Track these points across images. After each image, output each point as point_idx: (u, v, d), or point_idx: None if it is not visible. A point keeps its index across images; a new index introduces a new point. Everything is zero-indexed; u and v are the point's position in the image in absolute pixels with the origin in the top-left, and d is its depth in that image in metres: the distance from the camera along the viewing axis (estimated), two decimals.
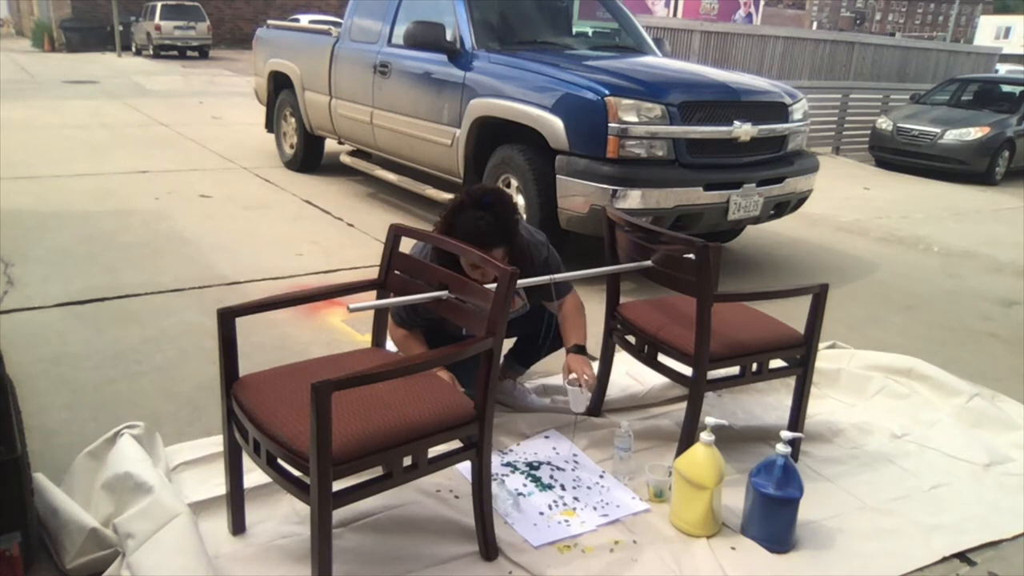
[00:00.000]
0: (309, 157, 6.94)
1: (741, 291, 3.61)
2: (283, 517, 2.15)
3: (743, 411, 2.92)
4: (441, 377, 2.24)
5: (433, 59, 4.95)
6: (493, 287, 1.94)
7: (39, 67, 17.70)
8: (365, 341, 3.10)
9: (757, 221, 4.62)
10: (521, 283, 2.28)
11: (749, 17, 22.84)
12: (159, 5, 23.08)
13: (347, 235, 5.14)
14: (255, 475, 2.05)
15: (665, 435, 2.71)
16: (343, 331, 3.52)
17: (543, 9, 5.58)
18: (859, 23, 72.43)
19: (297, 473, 1.75)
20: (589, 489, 2.38)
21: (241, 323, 1.95)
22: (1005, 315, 4.41)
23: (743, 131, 4.23)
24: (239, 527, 2.08)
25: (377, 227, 5.09)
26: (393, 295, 2.26)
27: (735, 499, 2.26)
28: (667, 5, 20.76)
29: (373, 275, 2.31)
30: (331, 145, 6.82)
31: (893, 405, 3.07)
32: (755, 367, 2.50)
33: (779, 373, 2.58)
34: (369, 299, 2.27)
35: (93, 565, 1.90)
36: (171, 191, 5.97)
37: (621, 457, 2.46)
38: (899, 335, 3.91)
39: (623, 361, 2.87)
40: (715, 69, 5.37)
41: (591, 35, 6.11)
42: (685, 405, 2.43)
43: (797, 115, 4.65)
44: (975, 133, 9.37)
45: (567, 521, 2.22)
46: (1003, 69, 21.37)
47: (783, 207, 4.71)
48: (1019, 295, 4.80)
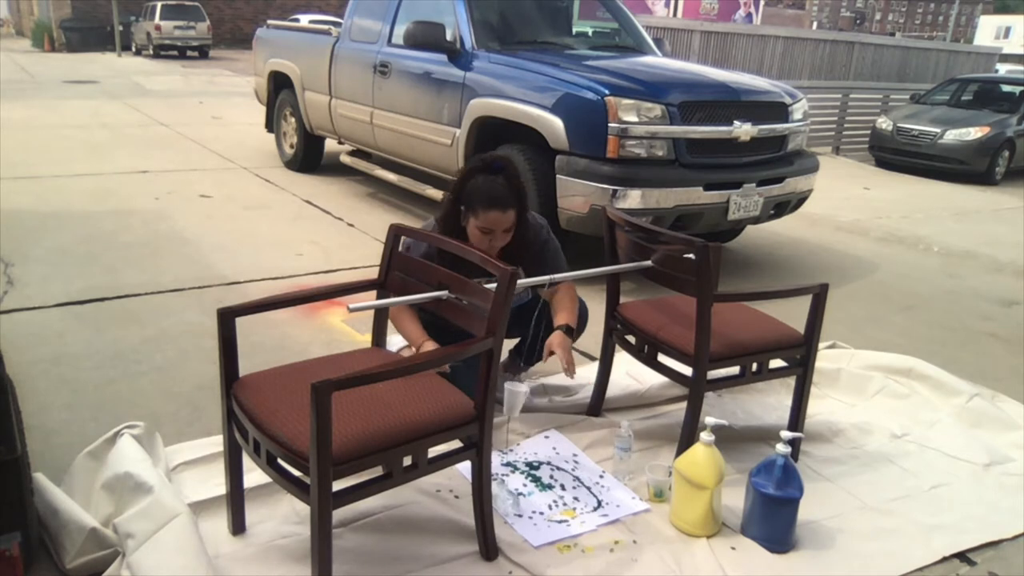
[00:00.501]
0: (309, 157, 6.94)
1: (741, 291, 3.61)
2: (283, 517, 2.15)
3: (743, 411, 2.92)
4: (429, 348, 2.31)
5: (433, 59, 4.95)
6: (493, 287, 1.94)
7: (39, 67, 17.70)
8: (365, 341, 3.10)
9: (757, 221, 4.62)
10: (521, 283, 2.28)
11: (749, 17, 22.85)
12: (159, 5, 23.09)
13: (347, 235, 5.14)
14: (255, 475, 2.05)
15: (665, 435, 2.70)
16: (343, 331, 3.52)
17: (543, 9, 5.58)
18: (859, 23, 72.43)
19: (297, 473, 1.75)
20: (589, 489, 2.38)
21: (241, 323, 1.95)
22: (1005, 315, 4.41)
23: (743, 131, 4.24)
24: (239, 527, 2.08)
25: (377, 227, 5.09)
26: (393, 295, 2.26)
27: (735, 499, 2.26)
28: (667, 5, 20.77)
29: (373, 275, 2.31)
30: (331, 145, 6.82)
31: (893, 405, 3.07)
32: (755, 367, 2.50)
33: (779, 373, 2.58)
34: (369, 299, 2.27)
35: (93, 565, 1.90)
36: (171, 191, 5.97)
37: (621, 457, 2.46)
38: (899, 335, 3.91)
39: (623, 361, 2.87)
40: (715, 69, 5.37)
41: (591, 35, 6.11)
42: (685, 405, 2.43)
43: (797, 115, 4.65)
44: (975, 133, 9.38)
45: (567, 521, 2.22)
46: (1003, 69, 21.38)
47: (783, 207, 4.71)
48: (1019, 295, 4.80)
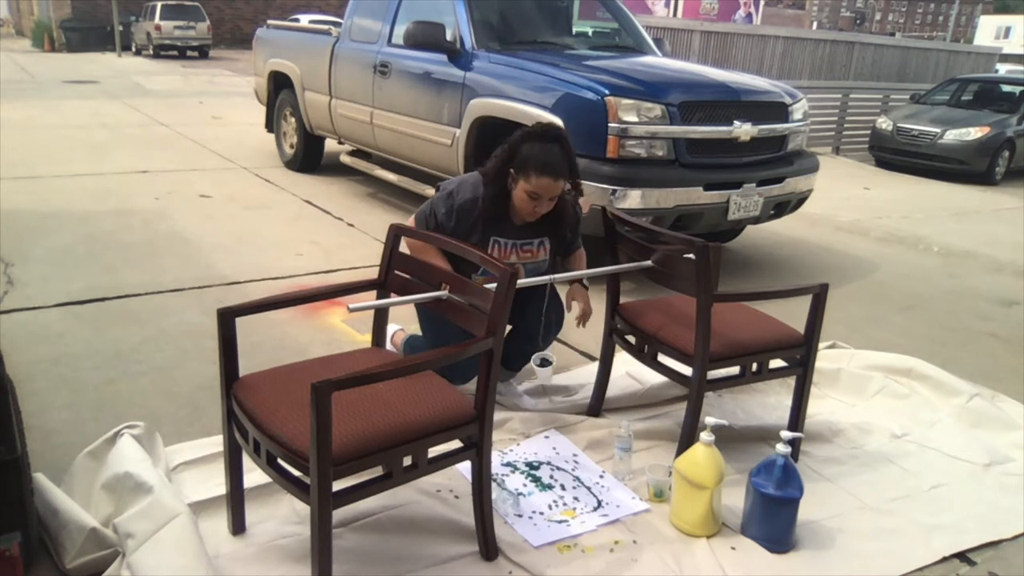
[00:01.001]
0: (309, 157, 6.94)
1: (741, 291, 3.61)
2: (283, 517, 2.15)
3: (743, 411, 2.92)
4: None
5: (433, 59, 4.95)
6: (493, 287, 1.94)
7: (39, 67, 17.70)
8: (365, 341, 3.10)
9: (757, 221, 4.62)
10: (522, 283, 2.28)
11: (749, 17, 22.83)
12: (159, 5, 23.10)
13: (347, 235, 5.14)
14: (255, 475, 2.05)
15: (665, 435, 2.70)
16: (343, 331, 3.52)
17: (543, 9, 5.58)
18: (859, 23, 72.43)
19: (297, 473, 1.75)
20: (589, 489, 2.38)
21: (241, 323, 1.95)
22: (1005, 315, 4.41)
23: (743, 131, 4.24)
24: (239, 527, 2.08)
25: (377, 227, 5.09)
26: (393, 295, 2.26)
27: (735, 499, 2.26)
28: (667, 5, 20.75)
29: (373, 275, 2.31)
30: (331, 145, 6.82)
31: (893, 405, 3.07)
32: (755, 367, 2.50)
33: (779, 373, 2.58)
34: (369, 299, 2.27)
35: (93, 565, 1.90)
36: (171, 191, 5.97)
37: (621, 457, 2.46)
38: (899, 335, 3.91)
39: (623, 361, 2.87)
40: (715, 69, 5.37)
41: (591, 35, 6.10)
42: (685, 405, 2.43)
43: (797, 115, 4.65)
44: (975, 133, 9.38)
45: (567, 521, 2.22)
46: (1003, 69, 21.37)
47: (783, 207, 4.71)
48: (1019, 295, 4.80)
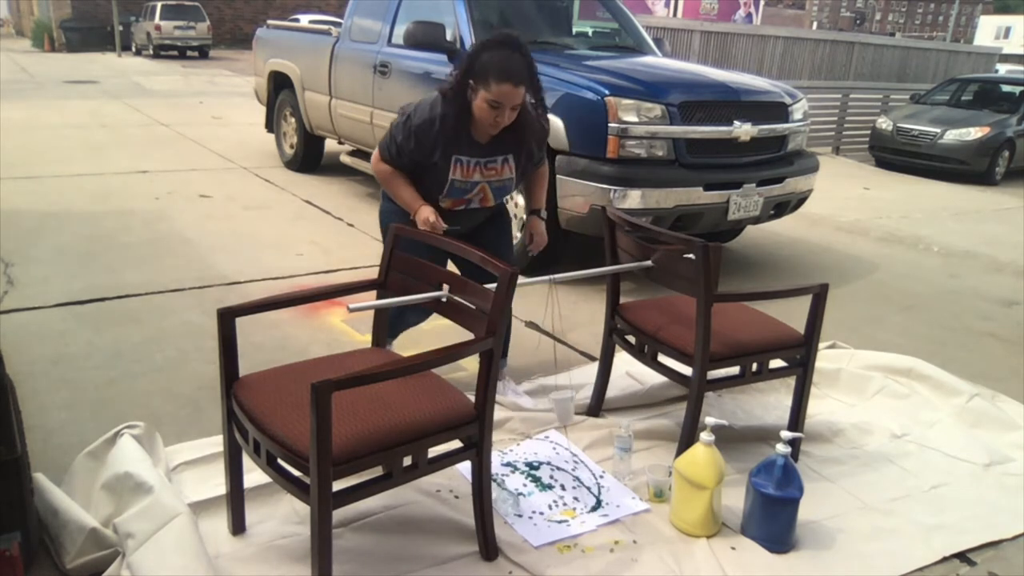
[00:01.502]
0: (309, 157, 6.94)
1: (741, 291, 3.61)
2: (283, 517, 2.15)
3: (743, 411, 2.92)
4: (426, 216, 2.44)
5: (433, 59, 4.95)
6: (493, 287, 1.94)
7: (39, 67, 17.70)
8: (365, 341, 3.10)
9: (757, 221, 4.62)
10: (522, 282, 2.28)
11: (749, 17, 22.82)
12: (159, 5, 23.10)
13: (347, 235, 5.14)
14: (255, 475, 2.05)
15: (665, 435, 2.71)
16: (343, 331, 3.52)
17: (543, 9, 5.58)
18: (859, 23, 72.43)
19: (297, 473, 1.75)
20: (589, 489, 2.38)
21: (241, 323, 1.95)
22: (1005, 315, 4.41)
23: (743, 131, 4.23)
24: (239, 527, 2.08)
25: (377, 227, 5.05)
26: (393, 295, 2.26)
27: (735, 499, 2.26)
28: (667, 5, 20.74)
29: (373, 275, 2.31)
30: (331, 145, 6.82)
31: (893, 405, 3.07)
32: (755, 367, 2.50)
33: (779, 373, 2.58)
34: (369, 299, 2.27)
35: (93, 565, 1.90)
36: (171, 191, 5.97)
37: (621, 457, 2.46)
38: (899, 335, 3.91)
39: (623, 361, 2.87)
40: (715, 69, 5.37)
41: (591, 35, 6.10)
42: (685, 405, 2.43)
43: (797, 115, 4.65)
44: (975, 133, 9.37)
45: (567, 521, 2.22)
46: (1003, 69, 21.37)
47: (783, 207, 4.71)
48: (1019, 295, 4.80)
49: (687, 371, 2.41)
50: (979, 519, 2.35)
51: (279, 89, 7.05)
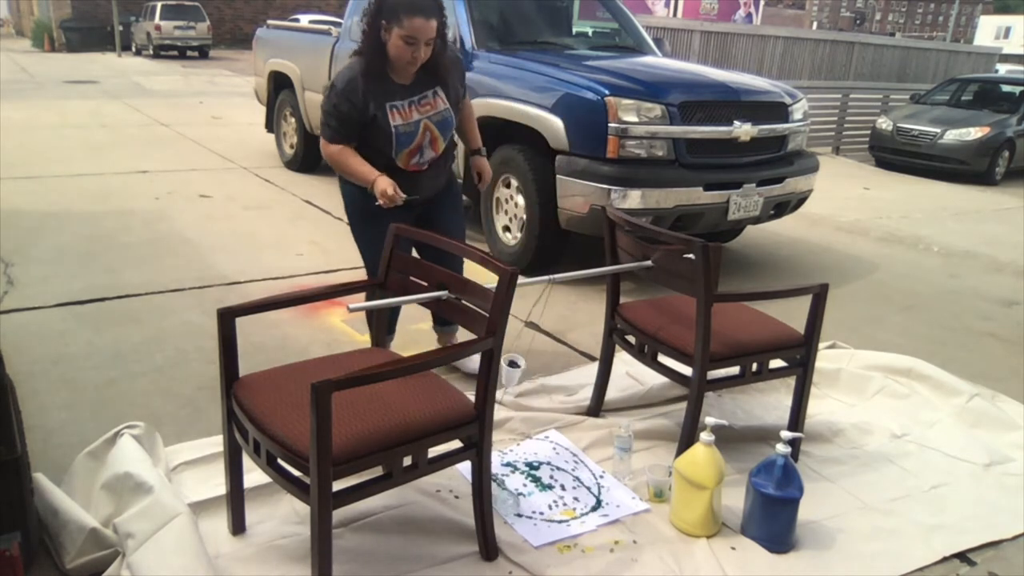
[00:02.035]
0: (309, 157, 6.93)
1: (741, 291, 3.61)
2: (283, 517, 2.15)
3: (743, 411, 2.92)
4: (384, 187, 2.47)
5: None
6: (493, 287, 1.94)
7: (39, 67, 17.70)
8: (365, 341, 3.10)
9: (757, 221, 4.62)
10: (522, 282, 2.27)
11: (749, 17, 22.82)
12: (159, 5, 23.10)
13: (347, 235, 5.08)
14: (255, 475, 2.05)
15: (665, 435, 2.71)
16: (343, 331, 3.52)
17: (543, 9, 5.57)
18: (859, 23, 72.44)
19: (297, 473, 1.75)
20: (589, 489, 2.38)
21: (241, 323, 1.95)
22: (1005, 315, 4.41)
23: (743, 131, 4.23)
24: (239, 527, 2.08)
25: None
26: (393, 295, 2.26)
27: (735, 499, 2.26)
28: (667, 5, 20.73)
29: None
30: None
31: (893, 405, 3.07)
32: (755, 367, 2.50)
33: (779, 373, 2.58)
34: (369, 299, 2.27)
35: (93, 565, 1.90)
36: (171, 191, 5.97)
37: (621, 457, 2.46)
38: (899, 335, 3.91)
39: (623, 361, 2.87)
40: (715, 69, 5.37)
41: (591, 35, 6.10)
42: (685, 405, 2.43)
43: (797, 115, 4.65)
44: (975, 133, 9.37)
45: (567, 521, 2.22)
46: (1003, 69, 21.37)
47: (783, 207, 4.71)
48: (1019, 295, 4.80)
49: (687, 371, 2.41)
50: (979, 519, 2.35)
51: (279, 89, 7.05)
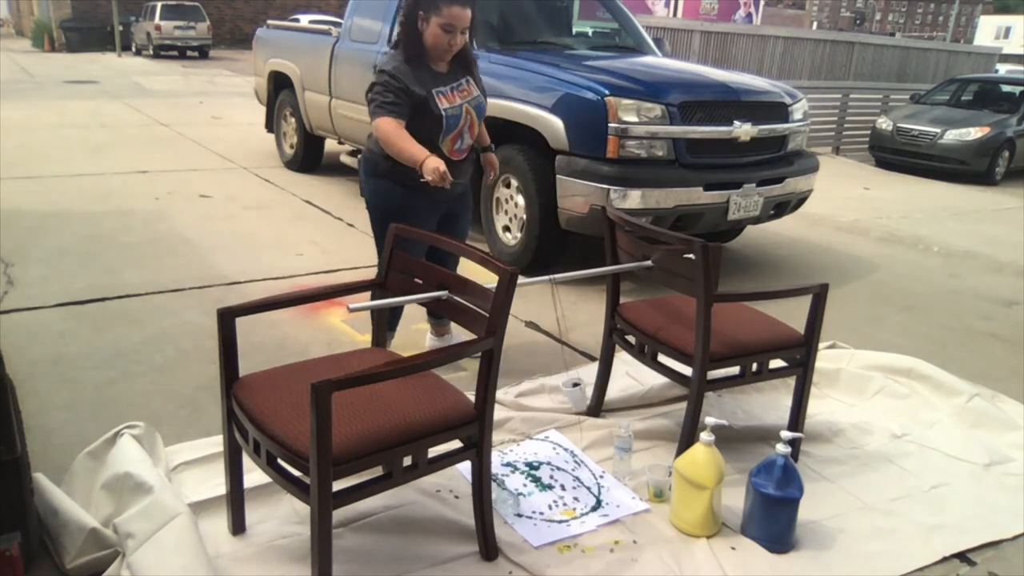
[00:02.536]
0: (309, 157, 6.94)
1: (741, 291, 3.61)
2: (283, 517, 2.15)
3: (743, 411, 2.92)
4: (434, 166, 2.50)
5: None
6: (493, 287, 1.94)
7: (39, 67, 17.70)
8: (365, 341, 3.10)
9: (757, 221, 4.62)
10: (522, 282, 2.27)
11: (749, 17, 22.81)
12: (159, 5, 23.10)
13: (347, 235, 5.14)
14: (255, 475, 2.05)
15: (665, 435, 2.71)
16: (343, 331, 3.52)
17: (543, 9, 5.57)
18: (859, 23, 72.41)
19: (297, 473, 1.75)
20: (589, 489, 2.38)
21: (241, 323, 1.95)
22: (1005, 315, 4.41)
23: (743, 131, 4.23)
24: (239, 527, 2.08)
25: None
26: (393, 295, 2.26)
27: (735, 499, 2.26)
28: (667, 5, 20.73)
29: (373, 275, 2.31)
30: (331, 145, 6.82)
31: (893, 405, 3.07)
32: (755, 367, 2.50)
33: (779, 373, 2.58)
34: (369, 299, 2.27)
35: (93, 565, 1.90)
36: (171, 191, 5.97)
37: (621, 457, 2.46)
38: (899, 335, 3.91)
39: (623, 361, 2.87)
40: (715, 69, 5.37)
41: (591, 35, 6.11)
42: (685, 405, 2.43)
43: (797, 115, 4.65)
44: (975, 133, 9.37)
45: (567, 521, 2.22)
46: (1003, 69, 21.37)
47: (783, 207, 4.71)
48: (1019, 295, 4.80)
49: (687, 371, 2.41)
50: (979, 519, 2.35)
51: (279, 89, 7.05)
